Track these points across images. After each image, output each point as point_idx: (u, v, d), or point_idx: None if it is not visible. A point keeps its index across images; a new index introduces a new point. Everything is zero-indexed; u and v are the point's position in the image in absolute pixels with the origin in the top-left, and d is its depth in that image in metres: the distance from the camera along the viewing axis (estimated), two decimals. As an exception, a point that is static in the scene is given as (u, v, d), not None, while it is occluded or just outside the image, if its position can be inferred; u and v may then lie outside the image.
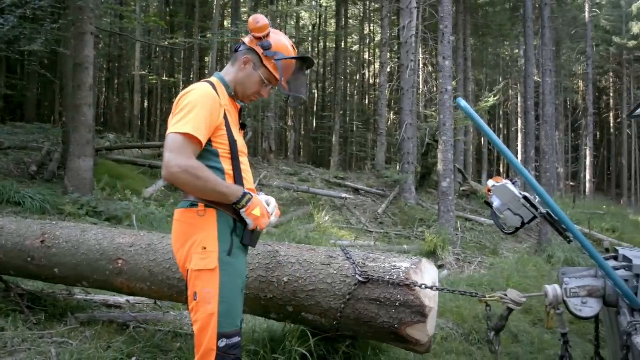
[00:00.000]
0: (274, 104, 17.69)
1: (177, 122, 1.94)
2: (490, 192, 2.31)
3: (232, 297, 1.99)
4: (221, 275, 1.96)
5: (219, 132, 2.04)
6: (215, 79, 2.16)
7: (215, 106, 2.00)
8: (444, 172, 9.39)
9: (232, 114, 2.13)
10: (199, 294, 1.95)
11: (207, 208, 2.00)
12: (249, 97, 2.21)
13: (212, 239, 1.99)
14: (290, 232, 8.06)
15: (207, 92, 2.02)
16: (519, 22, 22.39)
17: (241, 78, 2.15)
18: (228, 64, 2.24)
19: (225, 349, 1.93)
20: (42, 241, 3.50)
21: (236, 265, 2.03)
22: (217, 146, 2.05)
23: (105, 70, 27.25)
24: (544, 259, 8.54)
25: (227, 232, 2.02)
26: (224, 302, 1.95)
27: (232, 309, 1.98)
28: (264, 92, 2.21)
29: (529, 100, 14.12)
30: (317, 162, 26.46)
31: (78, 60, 8.77)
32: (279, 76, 2.14)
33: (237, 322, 2.00)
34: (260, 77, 2.15)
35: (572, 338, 4.54)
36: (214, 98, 2.01)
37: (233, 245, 2.02)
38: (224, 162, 2.06)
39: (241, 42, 2.20)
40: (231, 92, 2.16)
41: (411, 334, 2.56)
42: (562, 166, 29.51)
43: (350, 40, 31.66)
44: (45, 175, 10.08)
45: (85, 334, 3.45)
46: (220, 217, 2.02)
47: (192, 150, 1.93)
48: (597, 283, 2.18)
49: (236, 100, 2.21)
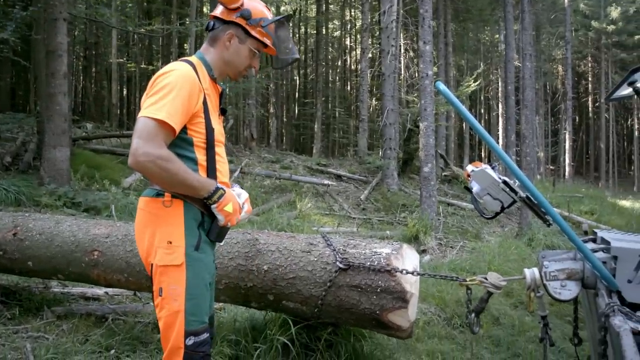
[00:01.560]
0: (255, 90, 17.53)
1: (151, 105, 1.78)
2: (470, 177, 2.30)
3: (199, 294, 1.90)
4: (188, 271, 1.86)
5: (195, 119, 1.89)
6: (196, 59, 2.00)
7: (194, 90, 1.85)
8: (425, 158, 9.40)
9: (212, 98, 1.98)
10: (164, 290, 1.86)
11: (173, 199, 1.88)
12: (240, 73, 2.09)
13: (178, 233, 1.88)
14: (272, 219, 8.01)
15: (187, 74, 1.86)
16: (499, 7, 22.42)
17: (229, 56, 2.02)
18: (204, 43, 2.09)
19: (194, 347, 1.86)
20: (14, 234, 3.40)
21: (204, 261, 1.93)
22: (192, 134, 1.91)
23: (82, 58, 26.66)
24: (525, 242, 8.65)
25: (194, 226, 1.91)
26: (191, 300, 1.86)
27: (200, 305, 1.90)
28: (255, 62, 2.08)
29: (509, 84, 14.21)
30: (299, 149, 26.37)
31: (51, 47, 8.51)
32: (270, 42, 2.03)
33: (205, 318, 1.93)
34: (249, 49, 2.03)
35: (551, 319, 4.60)
36: (193, 81, 1.86)
37: (201, 239, 1.92)
38: (197, 151, 1.93)
39: (213, 19, 2.03)
40: (213, 73, 2.01)
41: (393, 320, 2.56)
42: (542, 150, 29.87)
43: (332, 26, 31.48)
44: (20, 166, 9.84)
45: (62, 327, 3.38)
46: (187, 210, 1.90)
47: (164, 138, 1.78)
48: (576, 266, 2.19)
49: (218, 82, 2.07)
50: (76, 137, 12.14)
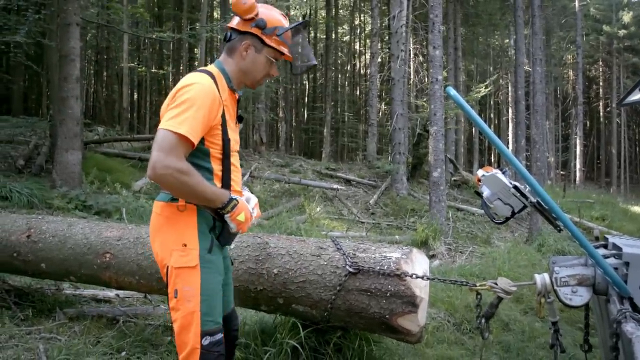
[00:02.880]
0: (265, 95, 17.59)
1: (172, 118, 1.82)
2: (480, 181, 2.30)
3: (213, 295, 1.97)
4: (202, 272, 1.92)
5: (214, 131, 1.95)
6: (216, 70, 2.03)
7: (214, 106, 1.90)
8: (434, 162, 9.39)
9: (230, 108, 2.03)
10: (179, 292, 1.91)
11: (187, 204, 1.95)
12: (258, 82, 2.12)
13: (192, 236, 1.94)
14: (281, 223, 8.03)
15: (208, 88, 1.90)
16: (509, 12, 22.37)
17: (246, 65, 2.04)
18: (222, 53, 2.11)
19: (209, 347, 1.92)
20: (28, 236, 3.44)
21: (216, 263, 2.00)
22: (209, 145, 1.96)
23: (94, 62, 26.91)
24: (535, 247, 8.58)
25: (206, 230, 1.98)
26: (205, 300, 1.92)
27: (214, 306, 1.96)
28: (273, 71, 2.10)
29: (519, 89, 14.18)
30: (308, 153, 26.41)
31: (64, 52, 8.62)
32: (287, 51, 2.06)
33: (219, 318, 1.99)
34: (265, 58, 2.04)
35: (562, 326, 4.56)
36: (214, 96, 1.90)
37: (213, 242, 1.99)
38: (213, 162, 1.99)
39: (230, 30, 2.06)
40: (232, 85, 2.04)
41: (402, 324, 2.55)
42: (552, 155, 29.67)
43: (341, 31, 31.54)
44: (33, 169, 9.95)
45: (74, 329, 3.41)
46: (200, 214, 1.97)
47: (183, 151, 1.83)
48: (587, 272, 2.17)
49: (236, 91, 2.09)
50: (88, 140, 12.25)
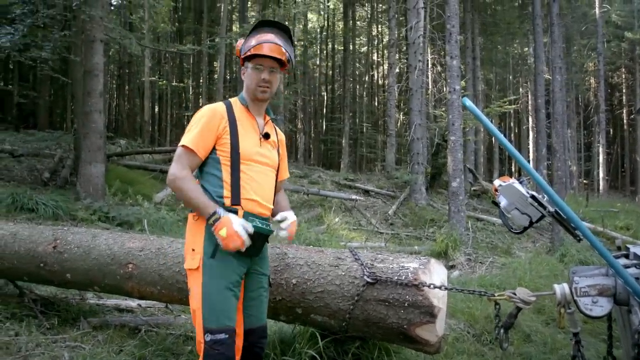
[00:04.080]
0: (283, 106, 17.74)
1: (183, 137, 2.25)
2: (497, 191, 2.30)
3: (215, 296, 2.14)
4: (204, 275, 2.15)
5: (221, 139, 2.24)
6: (235, 97, 2.44)
7: (213, 118, 2.24)
8: (453, 172, 9.34)
9: (244, 123, 2.32)
10: (190, 290, 2.22)
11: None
12: (257, 90, 2.34)
13: (199, 242, 2.20)
14: (300, 234, 8.05)
15: (211, 107, 2.30)
16: (528, 20, 22.21)
17: (246, 84, 2.38)
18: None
19: (210, 344, 2.09)
20: (54, 247, 3.53)
21: (220, 268, 2.18)
22: (219, 153, 2.25)
23: (116, 76, 27.51)
24: (557, 258, 8.43)
25: (213, 237, 2.15)
26: (206, 300, 2.13)
27: (216, 307, 2.13)
28: (263, 75, 2.32)
29: (539, 98, 13.99)
30: (327, 164, 26.48)
31: (88, 68, 8.87)
32: (254, 50, 2.27)
33: (224, 321, 2.13)
34: (251, 70, 2.33)
35: (585, 337, 4.49)
36: (215, 112, 2.26)
37: (217, 248, 2.16)
38: (224, 169, 2.24)
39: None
40: (245, 103, 2.37)
41: (420, 335, 2.55)
42: (575, 164, 29.17)
43: (359, 42, 31.66)
44: (58, 182, 10.20)
45: (98, 337, 3.48)
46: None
47: (188, 160, 2.20)
48: (608, 282, 2.14)
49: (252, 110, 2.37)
50: (110, 153, 12.51)
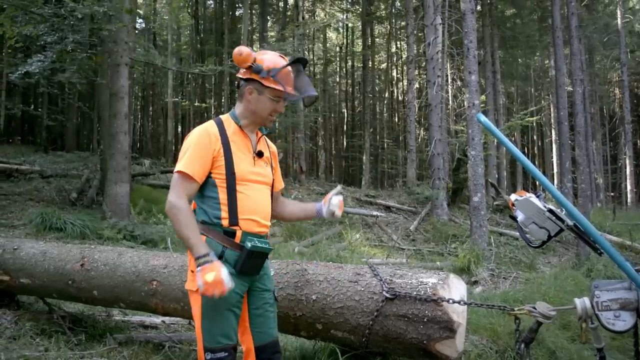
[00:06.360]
0: (304, 124, 17.90)
1: (177, 162, 2.19)
2: (514, 206, 2.31)
3: (214, 317, 2.14)
4: (202, 296, 2.09)
5: (216, 162, 2.19)
6: (227, 114, 2.35)
7: (206, 141, 2.18)
8: (474, 187, 9.28)
9: (238, 142, 2.26)
10: (191, 311, 2.22)
11: (200, 234, 2.15)
12: (268, 119, 2.31)
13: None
14: (321, 251, 8.08)
15: (201, 130, 2.23)
16: (548, 32, 22.08)
17: (252, 106, 2.27)
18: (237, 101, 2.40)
19: None
20: (81, 264, 3.64)
21: None
22: (215, 176, 2.20)
23: (140, 98, 28.16)
24: (583, 273, 8.25)
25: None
26: (205, 320, 2.14)
27: (215, 327, 2.14)
28: (279, 107, 2.29)
29: (561, 110, 13.84)
30: (348, 180, 26.50)
31: (113, 91, 9.14)
32: (282, 88, 2.22)
33: (221, 339, 2.13)
34: (267, 98, 2.25)
35: (613, 354, 4.39)
36: (205, 134, 2.20)
37: None
38: (220, 191, 2.20)
39: (239, 78, 2.32)
40: (239, 122, 2.30)
41: (440, 350, 2.55)
42: (601, 176, 28.58)
43: (378, 59, 31.85)
44: (85, 202, 10.45)
45: (123, 353, 3.55)
46: (208, 244, 2.14)
47: (184, 186, 2.14)
48: (630, 295, 2.12)
49: (247, 129, 2.31)
50: (135, 173, 12.77)
